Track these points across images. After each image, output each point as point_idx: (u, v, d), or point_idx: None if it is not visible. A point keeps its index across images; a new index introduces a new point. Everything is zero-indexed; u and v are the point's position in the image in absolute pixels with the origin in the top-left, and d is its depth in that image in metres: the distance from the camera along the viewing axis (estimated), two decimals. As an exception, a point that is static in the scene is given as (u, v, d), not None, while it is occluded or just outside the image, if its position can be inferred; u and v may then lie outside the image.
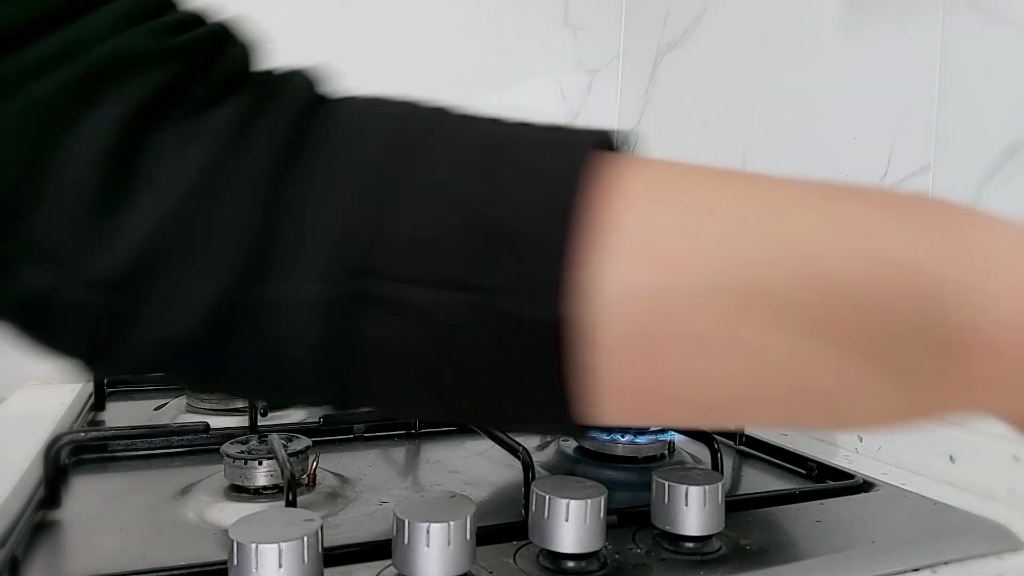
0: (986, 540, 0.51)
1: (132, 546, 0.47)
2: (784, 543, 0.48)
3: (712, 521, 0.46)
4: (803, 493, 0.57)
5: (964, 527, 0.53)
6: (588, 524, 0.42)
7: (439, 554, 0.38)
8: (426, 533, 0.37)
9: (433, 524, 0.37)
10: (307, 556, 0.36)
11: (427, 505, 0.40)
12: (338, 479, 0.59)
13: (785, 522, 0.52)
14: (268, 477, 0.54)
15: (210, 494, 0.54)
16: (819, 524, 0.52)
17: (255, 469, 0.54)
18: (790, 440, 0.74)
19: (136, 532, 0.49)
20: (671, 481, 0.46)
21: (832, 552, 0.47)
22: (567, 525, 0.42)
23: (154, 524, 0.50)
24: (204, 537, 0.48)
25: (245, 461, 0.54)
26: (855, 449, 0.72)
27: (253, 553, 0.35)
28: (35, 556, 0.46)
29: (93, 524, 0.50)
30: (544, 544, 0.43)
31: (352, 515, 0.53)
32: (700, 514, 0.46)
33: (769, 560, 0.46)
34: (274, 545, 0.36)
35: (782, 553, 0.47)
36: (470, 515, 0.39)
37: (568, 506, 0.42)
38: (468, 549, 0.39)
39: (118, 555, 0.46)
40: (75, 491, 0.56)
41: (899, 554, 0.48)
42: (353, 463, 0.64)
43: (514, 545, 0.46)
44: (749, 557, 0.46)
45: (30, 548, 0.46)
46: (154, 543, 0.47)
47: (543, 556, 0.44)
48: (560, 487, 0.43)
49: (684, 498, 0.46)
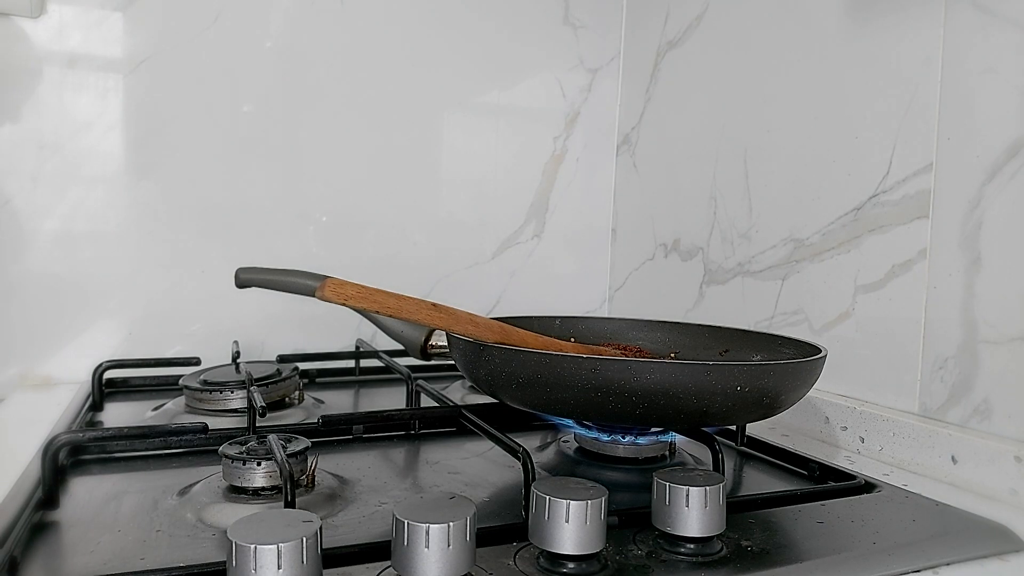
0: (988, 541, 0.51)
1: (130, 547, 0.47)
2: (785, 544, 0.48)
3: (713, 522, 0.46)
4: (804, 494, 0.57)
5: (966, 528, 0.53)
6: (588, 525, 0.42)
7: (438, 555, 0.37)
8: (425, 534, 0.37)
9: (433, 525, 0.37)
10: (306, 557, 0.36)
11: (427, 506, 0.39)
12: (337, 480, 0.59)
13: (786, 523, 0.52)
14: (267, 478, 0.53)
15: (209, 495, 0.54)
16: (821, 525, 0.52)
17: (254, 470, 0.53)
18: (791, 441, 0.74)
19: (134, 533, 0.49)
20: (672, 482, 0.46)
21: (834, 553, 0.47)
22: (567, 526, 0.42)
23: (152, 525, 0.50)
24: (203, 538, 0.48)
25: (244, 462, 0.53)
26: (857, 450, 0.72)
27: (252, 554, 0.35)
28: (33, 557, 0.45)
29: (91, 525, 0.50)
30: (544, 545, 0.42)
31: (351, 516, 0.52)
32: (701, 515, 0.45)
33: (771, 561, 0.46)
34: (273, 546, 0.35)
35: (783, 554, 0.47)
36: (470, 516, 0.39)
37: (568, 507, 0.42)
38: (468, 550, 0.38)
39: (116, 556, 0.45)
40: (73, 492, 0.56)
41: (901, 555, 0.48)
42: (352, 464, 0.63)
43: (514, 546, 0.46)
44: (750, 558, 0.46)
45: (28, 549, 0.46)
46: (153, 544, 0.47)
47: (543, 557, 0.44)
48: (560, 488, 0.43)
49: (685, 499, 0.45)
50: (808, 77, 0.83)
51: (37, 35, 0.87)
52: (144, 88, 0.92)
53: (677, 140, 1.04)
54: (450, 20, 1.07)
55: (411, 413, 0.73)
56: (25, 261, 0.89)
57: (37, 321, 0.89)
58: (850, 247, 0.77)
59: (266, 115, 0.98)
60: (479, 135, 1.10)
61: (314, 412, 0.79)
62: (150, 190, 0.94)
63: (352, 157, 1.03)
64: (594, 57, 1.15)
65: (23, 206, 0.88)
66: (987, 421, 0.64)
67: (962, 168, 0.67)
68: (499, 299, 1.12)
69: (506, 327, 0.62)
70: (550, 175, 1.14)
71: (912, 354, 0.71)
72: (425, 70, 1.06)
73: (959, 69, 0.67)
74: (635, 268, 1.13)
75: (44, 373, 0.90)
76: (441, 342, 0.78)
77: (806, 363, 0.56)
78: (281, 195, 1.00)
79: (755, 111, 0.90)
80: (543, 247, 1.15)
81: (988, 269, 0.64)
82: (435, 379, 0.88)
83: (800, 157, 0.83)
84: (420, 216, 1.07)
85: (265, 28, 0.97)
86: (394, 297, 0.57)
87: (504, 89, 1.11)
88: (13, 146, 0.87)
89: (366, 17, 1.02)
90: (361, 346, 0.98)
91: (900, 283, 0.72)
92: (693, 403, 0.52)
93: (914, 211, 0.71)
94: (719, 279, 0.96)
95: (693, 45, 1.01)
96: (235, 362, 0.86)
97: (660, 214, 1.07)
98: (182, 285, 0.95)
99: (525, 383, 0.56)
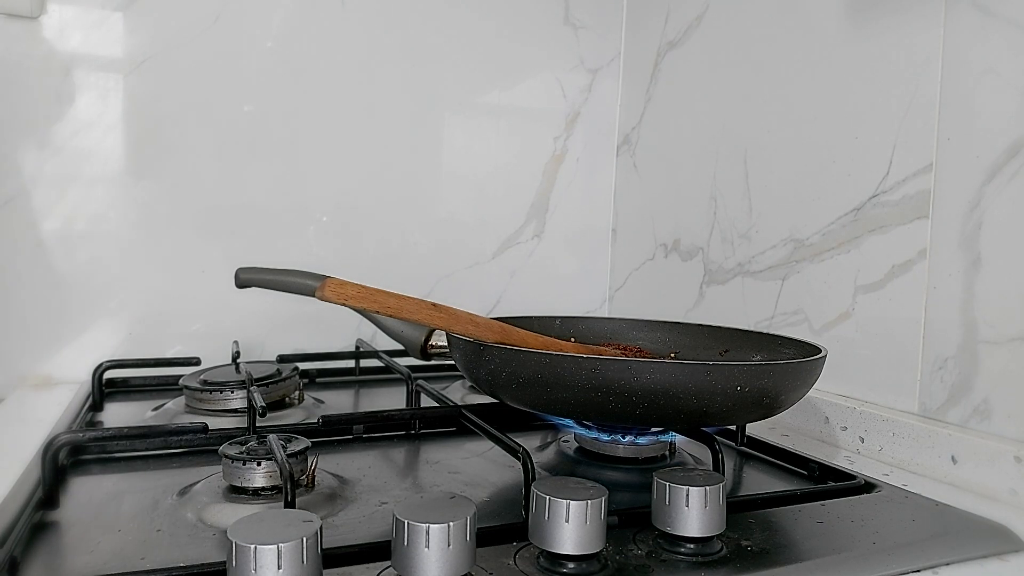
0: (988, 541, 0.51)
1: (130, 547, 0.47)
2: (785, 544, 0.48)
3: (713, 522, 0.46)
4: (804, 494, 0.57)
5: (966, 528, 0.52)
6: (588, 525, 0.42)
7: (439, 555, 0.37)
8: (426, 534, 0.37)
9: (433, 525, 0.37)
10: (306, 557, 0.36)
11: (427, 506, 0.39)
12: (337, 480, 0.59)
13: (786, 523, 0.52)
14: (267, 478, 0.53)
15: (209, 495, 0.54)
16: (820, 525, 0.52)
17: (254, 470, 0.53)
18: (791, 441, 0.74)
19: (134, 533, 0.49)
20: (672, 482, 0.46)
21: (833, 553, 0.47)
22: (567, 526, 0.42)
23: (153, 525, 0.50)
24: (203, 538, 0.48)
25: (244, 462, 0.53)
26: (856, 450, 0.72)
27: (252, 554, 0.35)
28: (33, 557, 0.45)
29: (91, 525, 0.50)
30: (544, 545, 0.42)
31: (351, 516, 0.52)
32: (701, 515, 0.45)
33: (770, 561, 0.46)
34: (273, 546, 0.35)
35: (783, 554, 0.47)
36: (470, 516, 0.39)
37: (568, 507, 0.42)
38: (468, 550, 0.38)
39: (116, 556, 0.45)
40: (73, 492, 0.56)
41: (901, 555, 0.48)
42: (352, 464, 0.63)
43: (514, 546, 0.46)
44: (750, 558, 0.46)
45: (28, 549, 0.46)
46: (153, 544, 0.47)
47: (543, 557, 0.44)
48: (560, 488, 0.43)
49: (685, 499, 0.45)
50: (808, 77, 0.83)
51: (37, 35, 0.87)
52: (144, 88, 0.92)
53: (677, 140, 1.04)
54: (450, 20, 1.07)
55: (411, 413, 0.73)
56: (25, 261, 0.89)
57: (37, 321, 0.89)
58: (850, 247, 0.77)
59: (266, 115, 0.98)
60: (479, 135, 1.10)
61: (314, 412, 0.79)
62: (150, 190, 0.94)
63: (352, 157, 1.03)
64: (594, 57, 1.15)
65: (23, 206, 0.88)
66: (987, 421, 0.64)
67: (962, 168, 0.67)
68: (499, 299, 1.12)
69: (506, 327, 0.62)
70: (550, 175, 1.14)
71: (912, 354, 0.71)
72: (425, 70, 1.06)
73: (959, 69, 0.67)
74: (635, 268, 1.13)
75: (44, 373, 0.90)
76: (441, 342, 0.78)
77: (806, 363, 0.57)
78: (281, 195, 1.00)
79: (755, 111, 0.90)
80: (543, 247, 1.15)
81: (988, 269, 0.64)
82: (435, 379, 0.88)
83: (800, 157, 0.83)
84: (420, 216, 1.07)
85: (265, 28, 0.97)
86: (394, 297, 0.57)
87: (504, 89, 1.11)
88: (13, 146, 0.87)
89: (366, 17, 1.02)
90: (361, 346, 0.98)
91: (900, 283, 0.72)
92: (693, 403, 0.52)
93: (914, 211, 0.71)
94: (719, 279, 0.96)
95: (693, 45, 1.01)
96: (235, 362, 0.86)
97: (660, 214, 1.07)
98: (182, 285, 0.95)
99: (525, 383, 0.56)
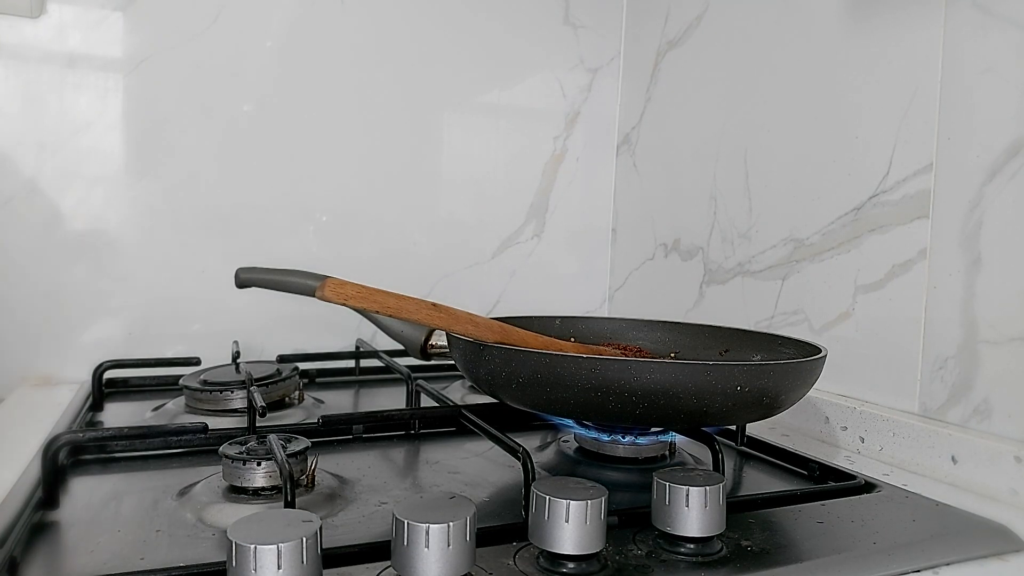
0: (988, 541, 0.51)
1: (130, 547, 0.47)
2: (785, 544, 0.48)
3: (713, 522, 0.46)
4: (804, 494, 0.57)
5: (966, 528, 0.52)
6: (588, 525, 0.42)
7: (438, 555, 0.37)
8: (425, 534, 0.37)
9: (432, 525, 0.37)
10: (306, 557, 0.36)
11: (426, 506, 0.39)
12: (337, 480, 0.59)
13: (786, 523, 0.52)
14: (267, 478, 0.53)
15: (209, 495, 0.54)
16: (821, 525, 0.52)
17: (254, 470, 0.53)
18: (791, 441, 0.74)
19: (134, 533, 0.49)
20: (672, 482, 0.46)
21: (834, 553, 0.47)
22: (567, 526, 0.42)
23: (153, 525, 0.50)
24: (203, 538, 0.48)
25: (244, 462, 0.53)
26: (857, 450, 0.72)
27: (252, 554, 0.35)
28: (33, 557, 0.45)
29: (91, 525, 0.50)
30: (544, 545, 0.42)
31: (351, 516, 0.52)
32: (701, 515, 0.45)
33: (771, 561, 0.46)
34: (273, 546, 0.35)
35: (783, 554, 0.47)
36: (470, 516, 0.39)
37: (568, 507, 0.42)
38: (468, 550, 0.38)
39: (116, 556, 0.45)
40: (73, 492, 0.56)
41: (901, 555, 0.48)
42: (352, 464, 0.63)
43: (514, 546, 0.46)
44: (750, 558, 0.46)
45: (28, 549, 0.46)
46: (153, 544, 0.47)
47: (543, 557, 0.44)
48: (560, 488, 0.43)
49: (685, 499, 0.45)
50: (808, 77, 0.83)
51: (37, 35, 0.87)
52: (144, 88, 0.92)
53: (677, 140, 1.04)
54: (450, 20, 1.07)
55: (411, 413, 0.73)
56: (25, 261, 0.89)
57: (37, 321, 0.89)
58: (850, 247, 0.77)
59: (266, 115, 0.98)
60: (479, 135, 1.10)
61: (314, 412, 0.79)
62: (150, 190, 0.94)
63: (352, 157, 1.03)
64: (594, 57, 1.15)
65: (23, 206, 0.88)
66: (987, 421, 0.64)
67: (962, 168, 0.67)
68: (499, 299, 1.12)
69: (506, 327, 0.62)
70: (550, 175, 1.14)
71: (912, 354, 0.71)
72: (425, 70, 1.06)
73: (959, 69, 0.67)
74: (635, 268, 1.13)
75: (44, 373, 0.90)
76: (441, 342, 0.78)
77: (806, 363, 0.56)
78: (281, 195, 1.00)
79: (755, 111, 0.90)
80: (543, 247, 1.15)
81: (988, 269, 0.64)
82: (435, 379, 0.88)
83: (800, 157, 0.83)
84: (420, 216, 1.07)
85: (265, 28, 0.97)
86: (394, 297, 0.57)
87: (504, 89, 1.11)
88: (13, 146, 0.87)
89: (366, 17, 1.02)
90: (361, 346, 0.98)
91: (900, 283, 0.72)
92: (693, 403, 0.52)
93: (914, 211, 0.71)
94: (719, 279, 0.96)
95: (693, 45, 1.01)
96: (235, 362, 0.86)
97: (660, 214, 1.07)
98: (182, 285, 0.95)
99: (525, 383, 0.56)
